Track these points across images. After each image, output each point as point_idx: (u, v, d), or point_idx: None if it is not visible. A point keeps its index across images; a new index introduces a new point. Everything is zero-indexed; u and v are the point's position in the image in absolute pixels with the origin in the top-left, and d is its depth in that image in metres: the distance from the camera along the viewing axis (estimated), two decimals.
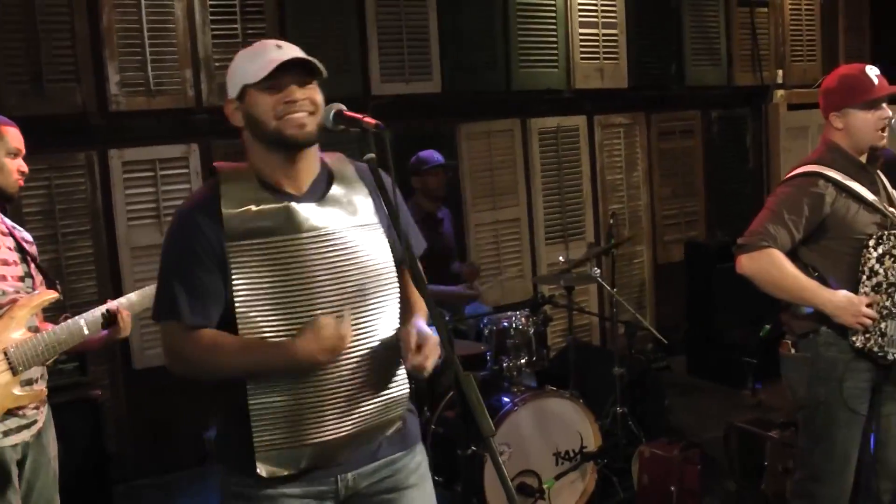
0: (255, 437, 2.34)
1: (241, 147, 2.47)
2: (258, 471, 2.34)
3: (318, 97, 2.37)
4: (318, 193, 2.44)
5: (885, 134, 3.50)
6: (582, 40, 7.16)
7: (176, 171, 5.69)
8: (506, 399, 4.61)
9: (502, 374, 4.79)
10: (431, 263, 2.73)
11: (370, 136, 2.23)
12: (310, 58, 2.35)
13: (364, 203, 2.48)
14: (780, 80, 8.51)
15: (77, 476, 4.46)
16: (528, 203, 7.10)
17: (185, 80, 5.62)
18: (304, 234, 2.36)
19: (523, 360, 4.81)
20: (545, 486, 4.60)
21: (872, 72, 3.50)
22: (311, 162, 2.46)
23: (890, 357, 3.39)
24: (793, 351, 3.61)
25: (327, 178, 2.48)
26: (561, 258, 5.71)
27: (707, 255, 7.39)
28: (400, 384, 2.50)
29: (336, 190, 2.46)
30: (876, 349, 3.38)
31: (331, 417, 2.36)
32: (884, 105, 3.49)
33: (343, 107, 2.35)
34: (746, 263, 3.47)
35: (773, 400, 6.24)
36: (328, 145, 2.51)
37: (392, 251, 2.47)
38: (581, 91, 7.20)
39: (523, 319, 4.86)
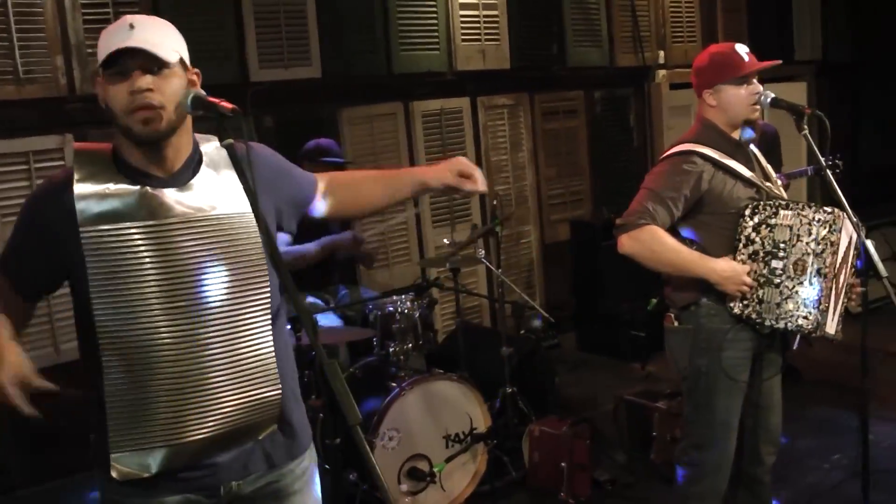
0: (111, 436, 2.24)
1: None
2: (111, 472, 2.24)
3: (171, 86, 2.19)
4: (183, 178, 2.29)
5: (757, 108, 3.59)
6: (462, 22, 7.14)
7: (51, 163, 5.44)
8: (392, 384, 4.60)
9: (389, 359, 4.77)
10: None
11: (227, 122, 2.13)
12: (146, 47, 2.15)
13: (234, 190, 2.30)
14: (661, 61, 8.66)
15: None
16: None
17: (56, 67, 5.40)
18: (159, 222, 2.20)
19: (410, 345, 4.79)
20: (436, 470, 4.59)
21: (742, 49, 3.58)
22: (179, 145, 2.29)
23: (767, 324, 3.46)
24: (675, 323, 3.67)
25: (197, 161, 2.33)
26: (446, 241, 5.67)
27: (593, 232, 7.50)
28: (270, 385, 2.33)
29: (203, 175, 2.31)
30: (754, 316, 3.45)
31: (191, 417, 2.22)
32: (754, 80, 3.57)
33: (202, 91, 2.24)
34: (627, 243, 3.50)
35: (662, 371, 6.35)
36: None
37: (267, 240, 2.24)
38: (463, 73, 7.19)
39: (409, 303, 4.84)
